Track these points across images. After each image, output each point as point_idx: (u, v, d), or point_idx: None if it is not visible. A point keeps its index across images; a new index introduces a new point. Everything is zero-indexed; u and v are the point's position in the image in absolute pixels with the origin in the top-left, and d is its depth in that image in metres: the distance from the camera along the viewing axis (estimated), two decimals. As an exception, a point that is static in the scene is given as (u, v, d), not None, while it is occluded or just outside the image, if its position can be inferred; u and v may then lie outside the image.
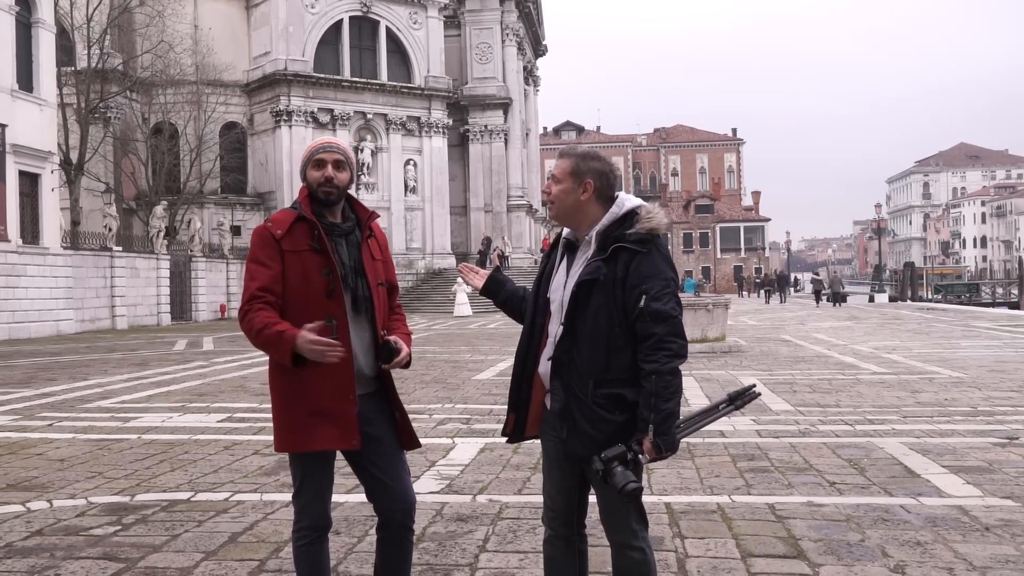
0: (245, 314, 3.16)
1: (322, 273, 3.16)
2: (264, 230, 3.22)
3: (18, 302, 25.39)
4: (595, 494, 3.07)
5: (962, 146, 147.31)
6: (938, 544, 4.58)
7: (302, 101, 42.90)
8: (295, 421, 3.17)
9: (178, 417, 9.53)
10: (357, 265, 3.24)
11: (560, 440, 2.99)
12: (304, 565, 3.25)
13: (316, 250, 3.17)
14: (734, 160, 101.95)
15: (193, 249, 36.26)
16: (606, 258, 2.88)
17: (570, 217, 3.02)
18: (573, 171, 2.96)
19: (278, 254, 3.16)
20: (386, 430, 3.28)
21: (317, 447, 3.17)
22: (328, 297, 3.16)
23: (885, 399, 10.03)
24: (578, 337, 2.89)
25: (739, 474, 6.30)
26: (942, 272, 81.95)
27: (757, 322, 28.59)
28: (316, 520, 3.25)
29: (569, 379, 2.90)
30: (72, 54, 35.97)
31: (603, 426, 2.86)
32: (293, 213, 3.23)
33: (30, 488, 6.23)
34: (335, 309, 3.16)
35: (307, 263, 3.17)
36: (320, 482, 3.26)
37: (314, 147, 3.28)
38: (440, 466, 6.73)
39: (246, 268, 3.24)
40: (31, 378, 14.00)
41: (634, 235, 2.88)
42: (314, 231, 3.18)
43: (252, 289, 3.16)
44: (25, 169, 26.13)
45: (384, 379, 3.31)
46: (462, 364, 15.23)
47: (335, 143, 3.34)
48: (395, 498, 3.28)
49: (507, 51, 52.47)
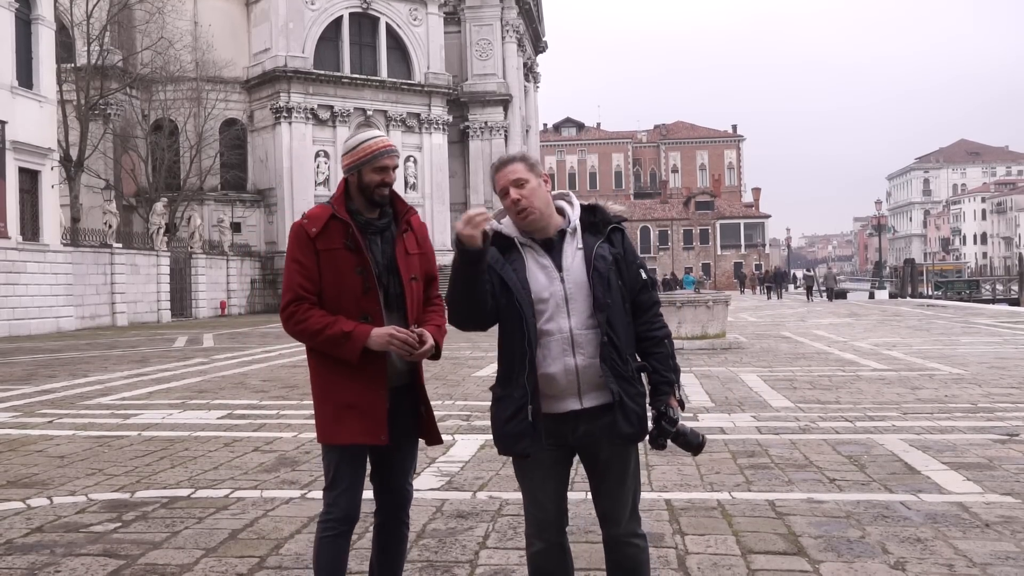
0: (292, 315, 3.16)
1: (356, 271, 3.16)
2: (300, 228, 3.22)
3: (18, 299, 25.40)
4: (592, 490, 3.07)
5: (962, 142, 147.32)
6: (938, 541, 4.58)
7: (302, 98, 42.90)
8: (329, 413, 3.20)
9: (178, 414, 9.53)
10: (390, 262, 3.23)
11: (570, 438, 2.98)
12: (326, 557, 3.24)
13: (350, 248, 3.17)
14: (734, 157, 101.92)
15: (193, 246, 36.28)
16: (605, 239, 3.00)
17: (546, 211, 2.99)
18: (530, 169, 3.00)
19: (312, 252, 3.17)
20: (408, 424, 3.30)
21: (345, 441, 3.18)
22: (363, 294, 3.17)
23: (885, 396, 10.03)
24: (612, 318, 2.94)
25: (739, 471, 6.30)
26: (942, 269, 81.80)
27: (757, 319, 28.59)
28: (348, 512, 3.24)
29: (613, 361, 2.93)
30: (72, 51, 35.97)
31: (640, 400, 2.99)
32: (329, 209, 3.22)
33: (30, 485, 6.23)
34: (370, 306, 3.17)
35: (341, 261, 3.17)
36: (353, 475, 3.26)
37: (375, 149, 3.21)
38: (440, 463, 6.73)
39: (286, 266, 3.25)
40: (31, 375, 14.00)
41: (617, 217, 3.06)
42: (348, 229, 3.18)
43: (295, 288, 3.17)
44: (25, 166, 26.13)
45: (415, 373, 3.32)
46: (462, 361, 15.24)
47: (393, 145, 3.31)
48: (398, 490, 3.34)
49: (507, 47, 52.42)
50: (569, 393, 2.95)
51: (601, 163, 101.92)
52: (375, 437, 3.17)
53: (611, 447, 2.97)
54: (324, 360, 3.20)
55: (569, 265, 2.96)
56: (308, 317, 3.14)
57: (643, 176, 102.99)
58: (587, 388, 2.94)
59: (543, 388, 2.95)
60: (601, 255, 2.96)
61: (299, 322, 3.15)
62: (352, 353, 3.10)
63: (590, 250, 2.97)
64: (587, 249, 2.97)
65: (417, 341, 3.13)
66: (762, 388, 10.85)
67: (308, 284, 3.16)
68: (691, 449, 2.95)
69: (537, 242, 3.00)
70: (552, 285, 2.95)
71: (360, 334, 3.09)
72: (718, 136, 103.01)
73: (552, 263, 2.98)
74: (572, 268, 2.96)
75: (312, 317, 3.14)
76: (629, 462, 3.02)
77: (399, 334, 3.10)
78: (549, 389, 2.95)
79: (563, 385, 2.94)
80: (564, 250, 2.99)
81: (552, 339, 2.94)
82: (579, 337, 2.93)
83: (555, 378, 2.94)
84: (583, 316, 2.94)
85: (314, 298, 3.17)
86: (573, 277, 2.95)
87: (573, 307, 2.94)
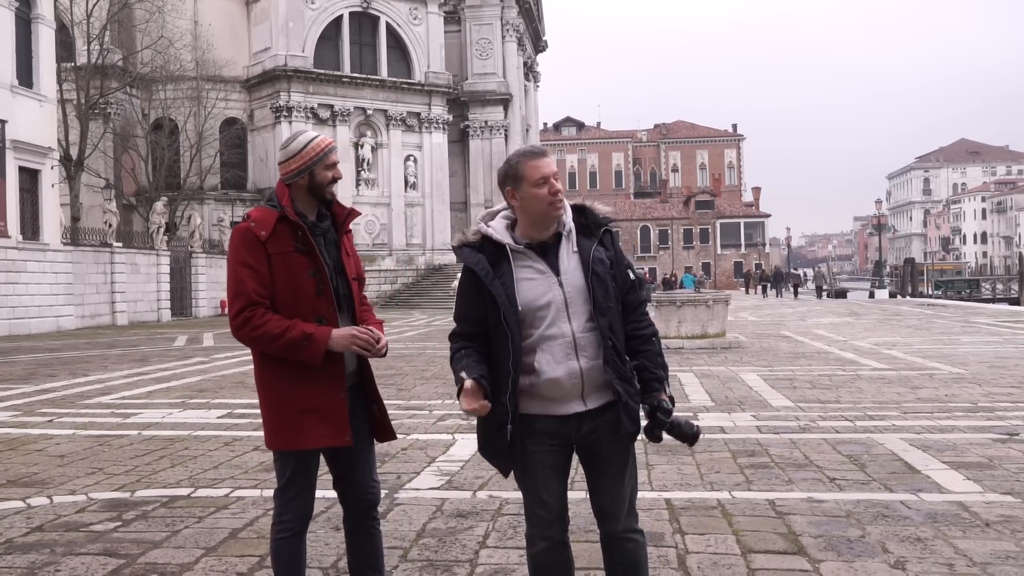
0: (247, 320, 3.11)
1: (309, 274, 3.16)
2: (247, 231, 3.17)
3: (18, 298, 25.40)
4: (590, 488, 3.07)
5: (962, 142, 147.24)
6: (938, 540, 4.58)
7: (302, 97, 42.89)
8: (288, 419, 3.17)
9: (178, 413, 9.53)
10: (337, 263, 3.25)
11: (573, 438, 2.99)
12: (284, 557, 3.27)
13: (301, 251, 3.16)
14: (734, 156, 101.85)
15: (193, 245, 36.26)
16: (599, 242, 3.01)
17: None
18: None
19: (264, 255, 3.14)
20: (362, 423, 3.31)
21: (311, 445, 3.18)
22: (317, 297, 3.16)
23: (885, 395, 10.03)
24: (612, 320, 2.96)
25: (739, 470, 6.30)
26: (942, 268, 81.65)
27: (757, 318, 28.58)
28: (301, 513, 3.28)
29: (616, 364, 2.94)
30: (72, 50, 35.94)
31: (637, 397, 2.99)
32: (274, 212, 3.19)
33: (30, 484, 6.23)
34: (323, 308, 3.17)
35: (293, 264, 3.15)
36: (308, 477, 3.28)
37: (324, 147, 3.23)
38: (440, 462, 6.73)
39: (234, 271, 3.16)
40: (31, 374, 14.00)
41: (607, 219, 3.06)
42: (298, 231, 3.17)
43: (248, 294, 3.12)
44: (25, 165, 26.12)
45: (364, 372, 3.33)
46: (462, 360, 15.20)
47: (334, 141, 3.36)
48: (363, 489, 3.33)
49: (507, 47, 52.37)
50: (573, 396, 2.95)
51: (601, 162, 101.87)
52: (340, 439, 3.18)
53: (612, 444, 2.98)
54: (279, 365, 3.17)
55: (566, 269, 2.95)
56: (265, 322, 3.11)
57: (643, 175, 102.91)
58: (591, 390, 2.95)
59: (546, 392, 2.94)
60: (599, 259, 2.96)
61: (256, 327, 3.10)
62: (315, 355, 3.10)
63: (587, 254, 2.96)
64: (583, 252, 2.97)
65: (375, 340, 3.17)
66: (762, 387, 10.85)
67: (261, 289, 3.13)
68: (687, 439, 2.95)
69: (532, 247, 2.98)
70: (551, 291, 2.94)
71: (322, 336, 3.09)
72: (718, 135, 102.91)
73: (548, 267, 2.96)
74: (570, 272, 2.95)
75: (269, 322, 3.11)
76: (628, 458, 3.04)
77: (361, 334, 3.13)
78: (553, 393, 2.94)
79: (568, 388, 2.94)
80: (560, 254, 2.98)
81: (555, 343, 2.93)
82: (581, 340, 2.93)
83: (560, 382, 2.93)
84: (583, 319, 2.94)
85: (268, 303, 3.14)
86: (571, 281, 2.94)
87: (573, 311, 2.93)
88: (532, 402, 2.96)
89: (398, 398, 10.41)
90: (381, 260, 44.19)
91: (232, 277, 3.18)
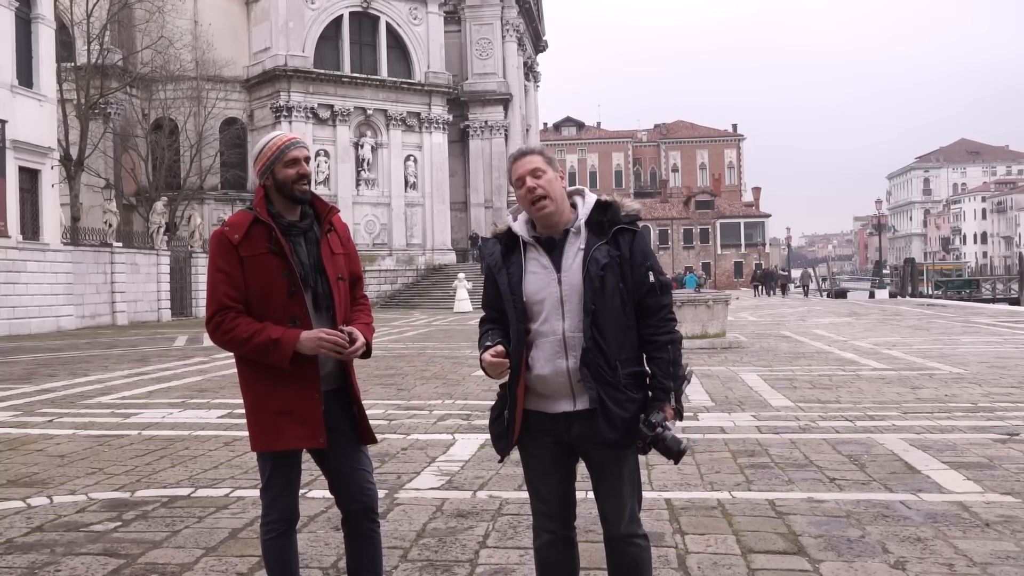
0: (219, 325, 3.15)
1: (282, 275, 3.16)
2: (222, 236, 3.20)
3: (18, 298, 25.40)
4: (594, 489, 3.07)
5: (963, 142, 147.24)
6: (938, 540, 4.58)
7: (302, 97, 42.89)
8: (265, 420, 3.20)
9: (178, 413, 9.54)
10: (316, 263, 3.24)
11: (565, 437, 2.98)
12: (273, 557, 3.28)
13: (274, 252, 3.17)
14: (734, 156, 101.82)
15: (193, 245, 36.24)
16: (608, 241, 2.95)
17: (561, 206, 2.98)
18: (547, 162, 3.00)
19: (237, 259, 3.16)
20: (347, 425, 3.31)
21: (285, 446, 3.20)
22: (289, 298, 3.17)
23: (885, 395, 10.03)
24: (602, 322, 2.90)
25: (739, 470, 6.30)
26: (942, 268, 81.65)
27: (757, 318, 28.58)
28: (285, 513, 3.29)
29: (598, 366, 2.89)
30: (72, 50, 35.93)
31: (630, 406, 2.92)
32: (249, 215, 3.21)
33: (30, 484, 6.24)
34: (296, 310, 3.17)
35: (266, 266, 3.16)
36: (288, 477, 3.29)
37: (280, 144, 3.23)
38: (440, 462, 6.73)
39: (209, 276, 3.21)
40: (31, 374, 14.00)
41: (628, 217, 2.98)
42: (271, 233, 3.17)
43: (220, 298, 3.15)
44: (25, 165, 26.12)
45: (346, 374, 3.33)
46: (462, 360, 15.22)
47: (298, 137, 3.32)
48: (357, 491, 3.32)
49: (507, 47, 52.37)
50: (562, 394, 2.96)
51: (601, 162, 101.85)
52: (314, 440, 3.19)
53: (601, 449, 2.96)
54: (255, 368, 3.20)
55: (568, 266, 2.94)
56: (235, 326, 3.13)
57: (643, 175, 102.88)
58: (580, 390, 2.93)
59: (538, 388, 2.97)
60: (595, 258, 2.91)
61: (227, 332, 3.13)
62: (282, 359, 3.10)
63: (589, 252, 2.94)
64: (587, 250, 2.94)
65: (347, 340, 3.15)
66: (762, 387, 10.85)
67: (233, 292, 3.15)
68: (669, 456, 2.90)
69: (541, 241, 2.99)
70: (549, 287, 2.94)
71: (289, 339, 3.09)
72: (718, 135, 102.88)
73: (552, 263, 2.96)
74: (570, 269, 2.94)
75: (239, 326, 3.13)
76: (623, 464, 3.01)
77: (328, 336, 3.11)
78: (543, 390, 2.97)
79: (555, 386, 2.95)
80: (566, 250, 2.97)
81: (546, 340, 2.94)
82: (571, 340, 2.92)
83: (547, 379, 2.95)
84: (576, 319, 2.91)
85: (240, 307, 3.16)
86: (570, 279, 2.93)
87: (568, 309, 2.92)
88: (530, 397, 2.99)
89: (398, 398, 10.41)
90: (381, 260, 44.19)
91: (208, 283, 3.24)
